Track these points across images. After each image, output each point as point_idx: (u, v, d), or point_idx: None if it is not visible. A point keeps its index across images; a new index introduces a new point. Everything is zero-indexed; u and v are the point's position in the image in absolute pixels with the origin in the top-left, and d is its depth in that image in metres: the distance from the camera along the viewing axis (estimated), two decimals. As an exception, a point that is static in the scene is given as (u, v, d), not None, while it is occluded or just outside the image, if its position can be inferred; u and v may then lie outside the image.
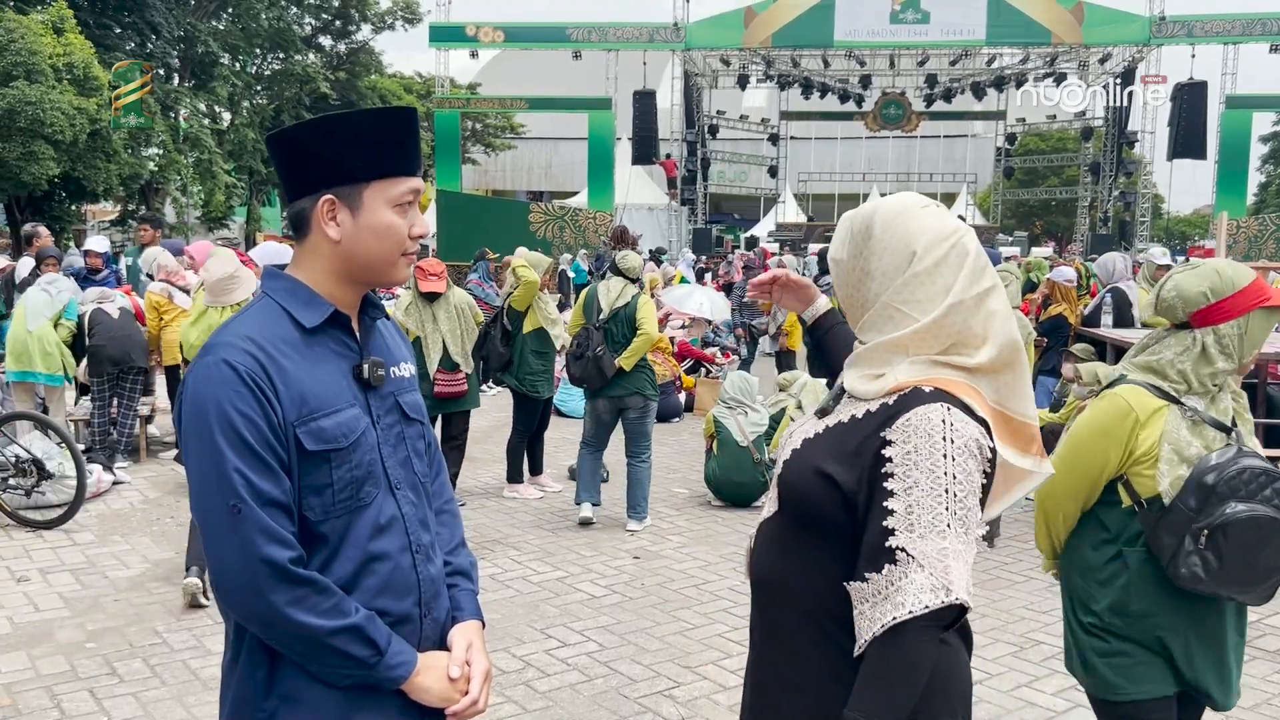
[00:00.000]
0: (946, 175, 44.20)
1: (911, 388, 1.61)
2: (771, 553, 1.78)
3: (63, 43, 23.73)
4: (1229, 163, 30.87)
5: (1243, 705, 3.99)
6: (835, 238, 1.79)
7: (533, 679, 4.17)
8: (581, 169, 35.63)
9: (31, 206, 26.02)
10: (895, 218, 1.69)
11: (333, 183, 1.62)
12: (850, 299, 1.76)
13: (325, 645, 1.55)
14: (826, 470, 1.64)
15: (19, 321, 7.33)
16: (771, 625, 1.78)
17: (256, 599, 1.52)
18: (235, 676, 1.63)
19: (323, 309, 1.65)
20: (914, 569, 1.52)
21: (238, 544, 1.51)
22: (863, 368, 1.71)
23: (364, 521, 1.64)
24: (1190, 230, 50.75)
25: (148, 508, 6.69)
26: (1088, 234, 34.77)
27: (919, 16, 30.74)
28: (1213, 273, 2.35)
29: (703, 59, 34.53)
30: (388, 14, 39.51)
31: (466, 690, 1.70)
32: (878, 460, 1.58)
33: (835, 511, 1.63)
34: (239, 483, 1.51)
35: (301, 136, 1.64)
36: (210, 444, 1.52)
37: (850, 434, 1.66)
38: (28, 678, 4.11)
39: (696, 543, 6.14)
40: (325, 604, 1.54)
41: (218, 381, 1.53)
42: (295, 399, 1.57)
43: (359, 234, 1.63)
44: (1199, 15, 30.74)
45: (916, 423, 1.56)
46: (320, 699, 1.60)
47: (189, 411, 1.56)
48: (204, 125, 32.49)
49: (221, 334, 1.61)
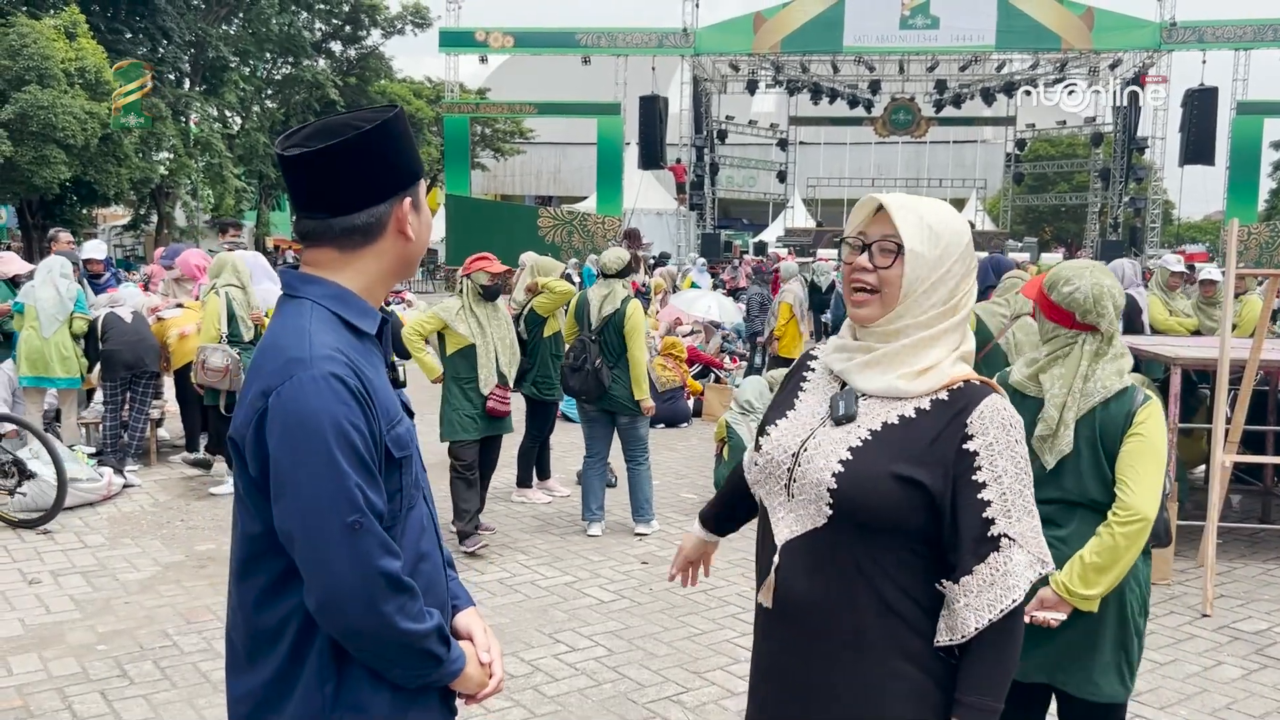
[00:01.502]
0: (956, 181, 44.13)
1: (963, 381, 1.69)
2: (818, 571, 1.70)
3: (75, 47, 23.88)
4: (1240, 169, 30.74)
5: (1251, 713, 3.98)
6: (910, 228, 1.70)
7: (541, 683, 4.17)
8: (590, 174, 35.69)
9: (43, 210, 26.17)
10: (958, 219, 1.75)
11: (408, 183, 1.64)
12: (923, 293, 1.70)
13: (418, 649, 1.57)
14: (904, 474, 1.64)
15: (33, 329, 7.36)
16: (820, 646, 1.71)
17: (371, 612, 1.51)
18: (294, 695, 1.59)
19: (374, 315, 1.66)
20: (1015, 550, 1.62)
21: (357, 559, 1.49)
22: (897, 366, 1.71)
23: (413, 523, 1.67)
24: (1201, 236, 50.57)
25: (158, 511, 6.72)
26: (1098, 240, 34.67)
27: (928, 22, 30.70)
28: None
29: (712, 64, 34.52)
30: (397, 19, 39.67)
31: (492, 673, 1.75)
32: (961, 455, 1.64)
33: (915, 515, 1.64)
34: (359, 498, 1.50)
35: (366, 145, 1.58)
36: (327, 459, 1.48)
37: (915, 434, 1.66)
38: (39, 679, 4.13)
39: (705, 548, 6.13)
40: (416, 608, 1.57)
41: (329, 396, 1.50)
42: (382, 409, 1.59)
43: (422, 229, 1.68)
44: (1210, 21, 30.64)
45: (990, 414, 1.65)
46: (383, 702, 1.61)
47: (298, 427, 1.49)
48: (214, 130, 32.63)
49: (309, 348, 1.53)
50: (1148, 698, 4.10)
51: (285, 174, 1.62)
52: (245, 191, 34.84)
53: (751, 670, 1.90)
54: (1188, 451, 6.77)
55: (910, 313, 1.71)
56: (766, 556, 1.78)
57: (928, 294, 1.70)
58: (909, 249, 1.69)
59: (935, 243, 1.70)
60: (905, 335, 1.71)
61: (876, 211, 1.76)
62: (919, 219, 1.71)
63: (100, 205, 30.55)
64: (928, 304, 1.70)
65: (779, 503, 1.77)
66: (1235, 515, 6.90)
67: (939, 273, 1.70)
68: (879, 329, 1.73)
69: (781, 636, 1.77)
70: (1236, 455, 5.54)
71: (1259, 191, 31.47)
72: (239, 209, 34.13)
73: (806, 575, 1.71)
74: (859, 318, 1.76)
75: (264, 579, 1.58)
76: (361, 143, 1.58)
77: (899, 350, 1.71)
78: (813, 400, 1.82)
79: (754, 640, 1.89)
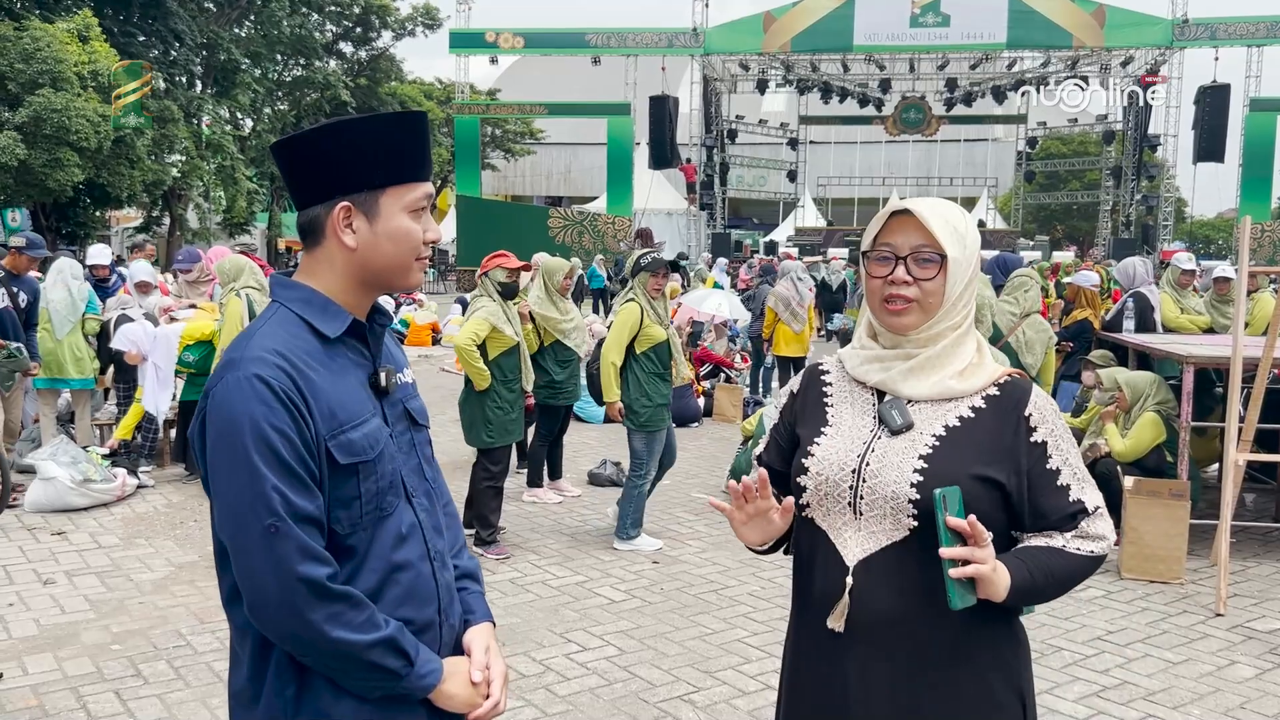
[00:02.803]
0: (967, 179, 44.04)
1: (1005, 374, 1.74)
2: (902, 586, 1.66)
3: (88, 51, 24.02)
4: (1253, 166, 30.56)
5: (1265, 713, 3.96)
6: (948, 237, 1.69)
7: (553, 683, 4.18)
8: (601, 174, 35.70)
9: (57, 213, 26.32)
10: (967, 215, 1.78)
11: (349, 189, 1.58)
12: (962, 293, 1.72)
13: (361, 660, 1.53)
14: (982, 474, 1.65)
15: (47, 331, 7.40)
16: (909, 667, 1.67)
17: (295, 618, 1.49)
18: (262, 697, 1.59)
19: (343, 318, 1.62)
20: (1100, 517, 1.71)
21: (275, 563, 1.48)
22: (943, 367, 1.72)
23: (387, 532, 1.62)
24: (1214, 234, 50.32)
25: (171, 511, 6.75)
26: (1109, 238, 34.55)
27: (939, 19, 30.62)
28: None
29: (721, 64, 34.52)
30: (408, 20, 39.76)
31: (489, 694, 1.69)
32: (1032, 447, 1.69)
33: (997, 512, 1.67)
34: (276, 501, 1.47)
35: (314, 142, 1.59)
36: (245, 462, 1.48)
37: (980, 432, 1.68)
38: (54, 679, 4.15)
39: (716, 548, 6.14)
40: (359, 618, 1.52)
41: (251, 397, 1.49)
42: (325, 412, 1.55)
43: (376, 241, 1.60)
44: (1222, 18, 30.48)
45: (1042, 403, 1.72)
46: (351, 712, 1.58)
47: (218, 429, 1.51)
48: (226, 132, 32.76)
49: (245, 348, 1.54)
50: (1161, 697, 4.09)
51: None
52: (257, 193, 34.94)
53: (806, 699, 1.80)
54: (1201, 450, 6.74)
55: (948, 316, 1.72)
56: (830, 579, 1.71)
57: (963, 295, 1.73)
58: (952, 258, 1.69)
59: (964, 245, 1.72)
60: (944, 337, 1.72)
61: (891, 218, 1.74)
62: (948, 224, 1.70)
63: (113, 208, 30.70)
64: (961, 305, 1.73)
65: (844, 522, 1.71)
66: (1249, 514, 6.87)
67: (969, 273, 1.73)
68: (918, 335, 1.72)
69: (859, 661, 1.69)
70: (1250, 454, 5.52)
71: (1272, 189, 31.24)
72: (251, 211, 34.24)
73: (889, 593, 1.66)
74: (899, 327, 1.72)
75: (230, 577, 1.57)
76: (306, 139, 1.59)
77: (940, 353, 1.72)
78: (850, 414, 1.77)
79: (804, 669, 1.80)
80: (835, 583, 1.69)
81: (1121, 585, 5.46)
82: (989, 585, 1.59)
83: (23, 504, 6.60)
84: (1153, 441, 6.01)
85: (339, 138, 1.58)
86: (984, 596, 1.60)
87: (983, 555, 1.56)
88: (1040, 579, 1.64)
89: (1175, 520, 5.45)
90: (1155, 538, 5.48)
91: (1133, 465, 6.02)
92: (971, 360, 1.73)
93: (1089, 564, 1.70)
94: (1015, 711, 1.71)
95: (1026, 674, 1.75)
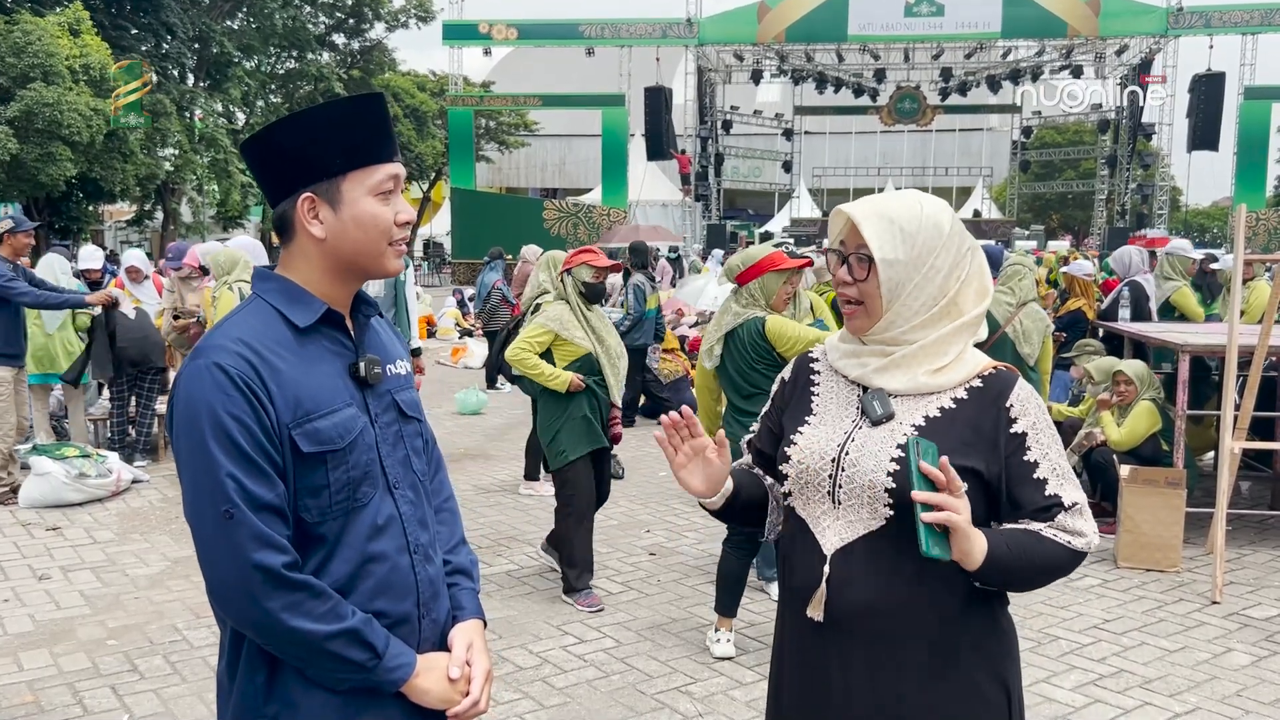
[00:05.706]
0: (962, 169, 44.05)
1: (990, 368, 1.73)
2: (881, 575, 1.66)
3: (79, 44, 23.91)
4: (1248, 154, 30.62)
5: (1261, 700, 3.97)
6: (880, 238, 1.68)
7: (550, 675, 4.18)
8: (595, 166, 35.69)
9: (49, 207, 26.24)
10: (954, 216, 1.75)
11: (309, 180, 1.58)
12: (908, 296, 1.68)
13: (322, 650, 1.53)
14: (965, 465, 1.64)
15: (38, 326, 7.37)
16: (893, 656, 1.66)
17: (252, 606, 1.49)
18: (235, 683, 1.60)
19: (315, 307, 1.62)
20: (1078, 514, 1.67)
21: (230, 550, 1.48)
22: (923, 364, 1.70)
23: (361, 522, 1.61)
24: (1209, 223, 50.37)
25: (167, 506, 6.74)
26: (1105, 227, 34.57)
27: (933, 9, 30.61)
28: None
29: (716, 54, 34.47)
30: (401, 12, 39.60)
31: (468, 691, 1.68)
32: (1011, 438, 1.67)
33: (977, 503, 1.66)
34: (231, 488, 1.48)
35: (271, 138, 1.60)
36: (201, 449, 1.49)
37: (960, 423, 1.67)
38: (50, 675, 4.15)
39: (712, 539, 6.13)
40: (321, 608, 1.52)
41: (209, 385, 1.50)
42: (289, 401, 1.55)
43: (343, 228, 1.60)
44: (1217, 6, 30.49)
45: (1025, 396, 1.70)
46: (321, 704, 1.58)
47: (180, 416, 1.53)
48: (219, 125, 32.66)
49: (212, 337, 1.57)
50: (1157, 685, 4.09)
51: None
52: (251, 187, 34.84)
53: (789, 689, 1.80)
54: (1197, 438, 6.75)
55: (901, 318, 1.69)
56: (809, 568, 1.71)
57: (914, 296, 1.68)
58: (879, 259, 1.67)
59: (910, 244, 1.68)
60: (910, 339, 1.70)
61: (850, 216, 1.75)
62: (889, 224, 1.68)
63: (106, 202, 30.61)
64: (916, 305, 1.69)
65: (822, 511, 1.71)
66: (1244, 502, 6.87)
67: (920, 273, 1.68)
68: (876, 337, 1.72)
69: (840, 651, 1.69)
70: (1245, 442, 5.52)
71: (1267, 177, 31.33)
72: (245, 204, 34.17)
73: (867, 582, 1.66)
74: (851, 329, 1.76)
75: None
76: (264, 137, 1.61)
77: (915, 352, 1.70)
78: (833, 404, 1.77)
79: (787, 659, 1.81)
80: (813, 572, 1.70)
81: (1118, 574, 5.47)
82: (963, 542, 1.55)
83: (17, 500, 6.58)
84: (1148, 430, 6.02)
85: (293, 129, 1.59)
86: (958, 558, 1.56)
87: (955, 504, 1.53)
88: (1017, 556, 1.60)
89: (1171, 508, 5.45)
90: (1151, 526, 5.48)
91: (1129, 454, 6.03)
92: (954, 359, 1.71)
93: (1067, 555, 1.65)
94: (1000, 703, 1.69)
95: (1012, 665, 1.73)
